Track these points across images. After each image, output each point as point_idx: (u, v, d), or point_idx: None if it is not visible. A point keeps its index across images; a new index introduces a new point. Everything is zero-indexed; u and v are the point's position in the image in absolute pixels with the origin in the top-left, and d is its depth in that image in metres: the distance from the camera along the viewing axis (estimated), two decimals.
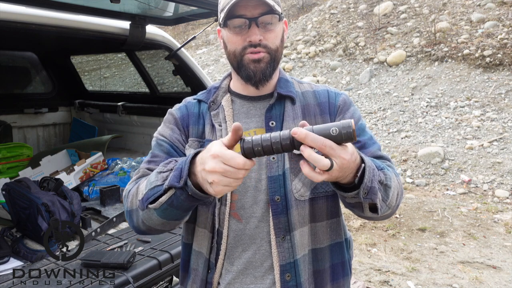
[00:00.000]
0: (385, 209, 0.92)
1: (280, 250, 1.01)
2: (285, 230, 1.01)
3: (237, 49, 1.02)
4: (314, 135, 0.75)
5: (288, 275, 1.01)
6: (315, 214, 1.04)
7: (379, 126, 7.39)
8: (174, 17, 2.45)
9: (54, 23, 2.06)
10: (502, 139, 5.95)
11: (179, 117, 1.12)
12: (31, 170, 2.77)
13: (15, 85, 3.66)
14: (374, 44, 10.02)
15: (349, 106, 1.10)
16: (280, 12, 1.02)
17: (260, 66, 1.01)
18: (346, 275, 1.11)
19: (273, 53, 1.02)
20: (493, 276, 3.24)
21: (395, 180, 0.95)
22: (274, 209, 1.01)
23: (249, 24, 0.99)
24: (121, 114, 3.34)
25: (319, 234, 1.06)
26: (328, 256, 1.07)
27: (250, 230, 1.04)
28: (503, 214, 4.42)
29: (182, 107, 1.15)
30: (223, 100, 1.11)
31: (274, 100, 1.06)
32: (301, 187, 1.02)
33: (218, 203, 1.05)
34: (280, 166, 1.02)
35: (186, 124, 1.11)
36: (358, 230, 4.17)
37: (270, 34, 1.01)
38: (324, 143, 0.74)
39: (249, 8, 0.98)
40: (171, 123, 1.12)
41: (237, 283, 1.05)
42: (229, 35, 1.03)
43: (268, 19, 1.00)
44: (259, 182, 1.03)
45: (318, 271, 1.06)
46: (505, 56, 7.65)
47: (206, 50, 13.89)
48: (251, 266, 1.04)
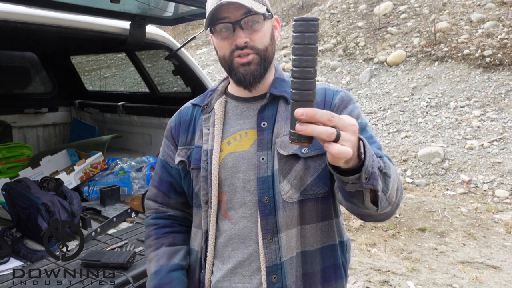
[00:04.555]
0: (384, 203, 0.85)
1: (266, 251, 1.01)
2: (272, 231, 1.01)
3: (225, 54, 1.03)
4: (320, 110, 0.69)
5: (275, 277, 1.01)
6: (305, 216, 1.03)
7: (379, 126, 7.39)
8: (174, 17, 2.45)
9: (54, 23, 2.05)
10: (502, 139, 5.95)
11: (172, 127, 1.20)
12: (31, 170, 2.76)
13: (15, 85, 3.66)
14: (374, 44, 10.02)
15: (347, 104, 1.06)
16: (263, 11, 0.99)
17: (250, 68, 1.01)
18: (339, 278, 1.09)
19: (262, 53, 1.01)
20: (493, 276, 3.24)
21: (395, 172, 0.90)
22: (262, 210, 1.01)
23: (233, 28, 0.99)
24: (121, 114, 3.34)
25: (309, 236, 1.04)
26: (318, 259, 1.05)
27: (239, 230, 1.05)
28: (503, 214, 4.42)
29: (176, 115, 1.21)
30: (216, 103, 1.12)
31: (267, 100, 1.05)
32: (290, 188, 1.01)
33: (205, 206, 1.07)
34: (269, 167, 1.01)
35: (177, 133, 1.17)
36: (358, 230, 4.17)
37: (257, 35, 1.00)
38: (332, 114, 0.69)
39: (231, 11, 0.98)
40: (165, 136, 1.22)
41: (226, 282, 1.06)
42: (217, 40, 1.04)
43: (252, 19, 0.99)
44: (247, 183, 1.03)
45: (307, 274, 1.04)
46: (505, 56, 7.65)
47: (206, 50, 13.89)
48: (240, 265, 1.05)
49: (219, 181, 1.06)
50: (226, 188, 1.06)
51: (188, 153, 1.12)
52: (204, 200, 1.07)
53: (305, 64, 0.71)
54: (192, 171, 1.11)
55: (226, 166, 1.05)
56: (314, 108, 0.70)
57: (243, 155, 1.04)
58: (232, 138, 1.07)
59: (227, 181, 1.05)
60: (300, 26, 0.70)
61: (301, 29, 0.70)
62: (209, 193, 1.06)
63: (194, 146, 1.12)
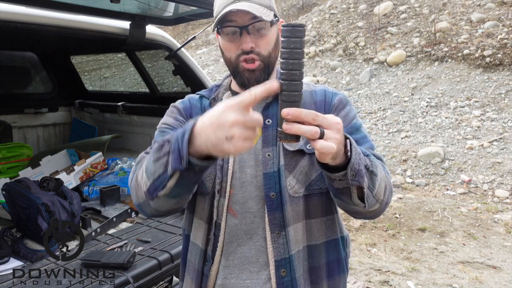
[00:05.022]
0: (372, 200, 0.91)
1: (275, 245, 1.02)
2: (280, 226, 1.02)
3: (232, 57, 1.05)
4: (305, 110, 0.73)
5: (283, 271, 1.02)
6: (310, 211, 1.05)
7: (379, 126, 7.40)
8: (174, 17, 2.45)
9: (54, 23, 2.05)
10: (502, 139, 5.96)
11: (182, 108, 1.15)
12: (31, 170, 2.77)
13: (15, 85, 3.66)
14: (374, 44, 10.02)
15: (345, 105, 1.10)
16: (271, 18, 1.01)
17: (254, 75, 1.03)
18: (342, 272, 1.12)
19: (266, 60, 1.04)
20: (493, 276, 3.24)
21: (382, 171, 0.94)
22: (270, 205, 1.02)
23: (240, 32, 1.01)
24: (121, 114, 3.34)
25: (314, 230, 1.07)
26: (323, 252, 1.08)
27: (245, 225, 1.05)
28: (503, 214, 4.43)
29: (185, 100, 1.18)
30: (224, 97, 1.13)
31: (271, 99, 1.07)
32: (295, 183, 1.03)
33: (217, 195, 1.06)
34: (275, 162, 1.03)
35: (189, 114, 1.14)
36: (358, 230, 4.16)
37: (262, 41, 1.02)
38: (316, 113, 0.74)
39: (239, 15, 0.99)
40: (173, 113, 1.15)
41: (233, 278, 1.06)
42: (223, 42, 1.06)
43: (259, 25, 1.01)
44: (255, 178, 1.05)
45: (313, 268, 1.07)
46: (505, 56, 7.65)
47: (206, 50, 13.89)
48: (247, 261, 1.05)
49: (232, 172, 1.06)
50: (235, 181, 1.06)
51: None
52: (217, 189, 1.06)
53: (291, 67, 0.75)
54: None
55: (235, 160, 1.06)
56: (300, 108, 0.74)
57: (250, 151, 1.05)
58: None
59: (236, 174, 1.06)
60: (287, 31, 0.74)
61: (287, 35, 0.74)
62: (224, 183, 1.05)
63: None
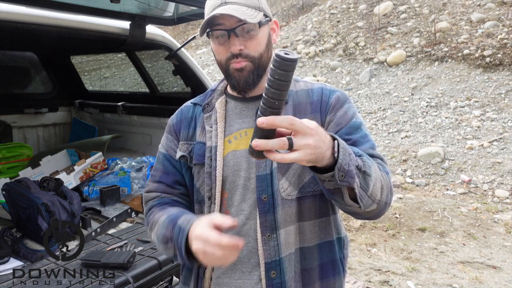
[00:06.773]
0: (367, 200, 0.89)
1: (265, 248, 1.03)
2: (271, 228, 1.03)
3: (222, 59, 1.05)
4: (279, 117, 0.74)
5: (274, 273, 1.03)
6: (303, 213, 1.05)
7: (379, 126, 7.40)
8: (174, 17, 2.45)
9: (54, 23, 2.05)
10: (502, 139, 5.96)
11: (174, 124, 1.20)
12: (31, 170, 2.77)
13: (15, 85, 3.66)
14: (374, 44, 10.02)
15: (343, 104, 1.08)
16: (258, 20, 1.00)
17: (243, 74, 1.03)
18: (337, 274, 1.11)
19: (256, 61, 1.03)
20: (493, 276, 3.24)
21: (377, 171, 0.92)
22: (261, 208, 1.03)
23: (228, 35, 1.01)
24: (121, 114, 3.34)
25: (307, 233, 1.07)
26: (316, 254, 1.08)
27: (238, 227, 1.05)
28: (503, 214, 4.43)
29: (177, 113, 1.22)
30: (217, 102, 1.14)
31: None
32: (288, 186, 1.03)
33: (207, 201, 1.08)
34: (268, 165, 1.04)
35: (179, 129, 1.18)
36: (358, 230, 4.17)
37: (251, 42, 1.02)
38: (293, 119, 0.74)
39: (226, 18, 0.99)
40: (167, 131, 1.21)
41: (226, 278, 1.08)
42: (214, 45, 1.06)
43: (248, 27, 1.00)
44: (248, 181, 1.05)
45: (306, 270, 1.07)
46: (505, 56, 7.65)
47: (206, 50, 13.89)
48: (239, 261, 1.06)
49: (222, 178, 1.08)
50: (228, 185, 1.07)
51: (190, 148, 1.13)
52: (207, 196, 1.08)
53: (271, 95, 0.75)
54: (194, 166, 1.12)
55: (229, 164, 1.07)
56: (274, 116, 0.74)
57: (244, 154, 1.06)
58: (232, 137, 1.09)
59: (229, 178, 1.07)
60: (275, 62, 0.74)
61: (275, 65, 0.74)
62: (213, 189, 1.07)
63: (195, 141, 1.13)
